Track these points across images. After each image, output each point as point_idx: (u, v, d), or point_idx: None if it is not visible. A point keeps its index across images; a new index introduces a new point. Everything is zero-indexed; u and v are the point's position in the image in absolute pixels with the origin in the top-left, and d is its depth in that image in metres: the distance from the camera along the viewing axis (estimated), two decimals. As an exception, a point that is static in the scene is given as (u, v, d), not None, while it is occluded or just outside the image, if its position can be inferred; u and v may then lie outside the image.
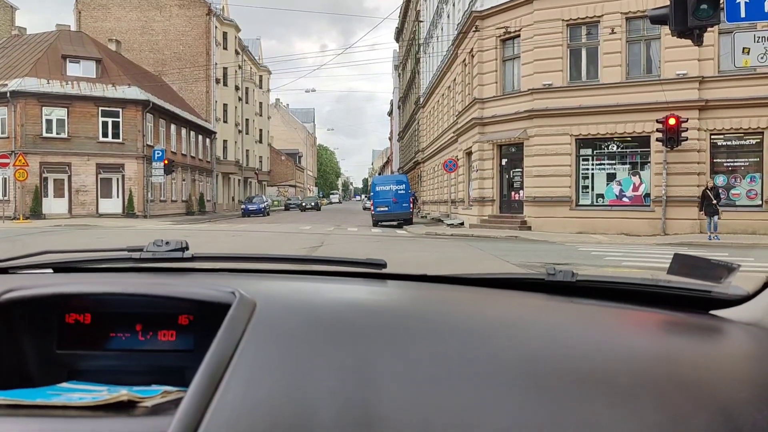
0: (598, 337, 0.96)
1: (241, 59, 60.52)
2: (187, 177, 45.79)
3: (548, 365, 0.81)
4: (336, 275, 1.53)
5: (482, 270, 9.17)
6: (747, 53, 7.75)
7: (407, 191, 30.26)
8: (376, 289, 1.30)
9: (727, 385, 0.79)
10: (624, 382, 0.77)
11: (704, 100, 20.08)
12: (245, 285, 1.15)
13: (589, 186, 22.28)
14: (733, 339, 1.01)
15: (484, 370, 0.79)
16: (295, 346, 0.85)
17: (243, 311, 0.93)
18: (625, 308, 1.18)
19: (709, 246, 16.90)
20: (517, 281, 1.43)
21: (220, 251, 11.79)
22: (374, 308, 1.05)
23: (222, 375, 0.77)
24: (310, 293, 1.17)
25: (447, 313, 1.06)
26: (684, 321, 1.12)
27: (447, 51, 34.59)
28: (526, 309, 1.16)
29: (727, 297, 1.13)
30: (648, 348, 0.93)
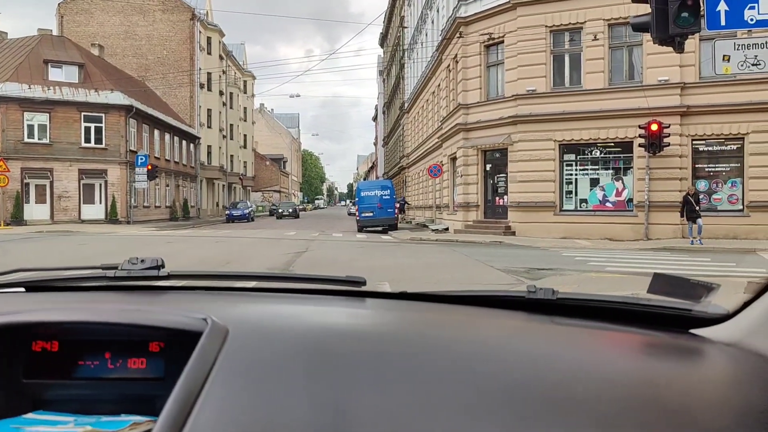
0: (579, 361, 0.94)
1: (225, 64, 60.34)
2: (171, 182, 45.50)
3: (530, 393, 0.80)
4: (315, 293, 1.50)
5: (467, 276, 9.25)
6: (727, 60, 7.82)
7: (392, 196, 30.27)
8: (355, 312, 1.28)
9: (708, 410, 0.78)
10: (606, 410, 0.76)
11: (686, 106, 20.29)
12: (219, 308, 1.13)
13: (572, 191, 22.40)
14: (714, 361, 1.00)
15: (465, 400, 0.77)
16: (268, 375, 0.82)
17: (214, 339, 0.90)
18: (606, 328, 1.17)
19: (692, 251, 17.04)
20: (498, 299, 1.40)
21: (202, 259, 11.70)
22: (352, 334, 1.02)
23: (192, 406, 0.74)
24: (287, 318, 1.14)
25: (427, 337, 1.04)
26: (665, 342, 1.11)
27: (431, 56, 34.69)
28: (507, 331, 1.14)
29: (707, 316, 1.13)
30: (630, 372, 0.91)
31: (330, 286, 1.52)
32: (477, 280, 11.15)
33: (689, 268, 12.97)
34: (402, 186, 50.20)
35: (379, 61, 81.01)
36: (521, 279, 11.17)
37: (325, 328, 1.04)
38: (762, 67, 7.81)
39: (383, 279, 10.48)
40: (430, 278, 11.26)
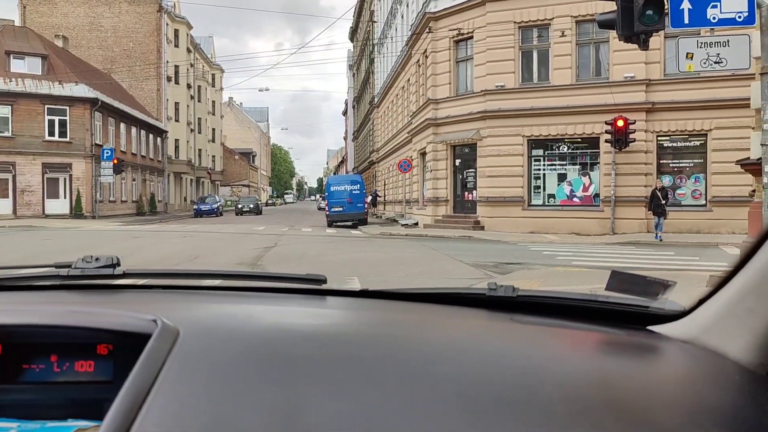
0: (536, 360, 0.94)
1: (193, 57, 59.58)
2: (138, 177, 44.83)
3: (484, 393, 0.79)
4: (274, 291, 1.48)
5: (436, 270, 9.29)
6: (690, 58, 7.95)
7: (362, 191, 30.25)
8: (313, 311, 1.26)
9: (663, 408, 0.78)
10: (562, 410, 0.76)
11: (651, 103, 20.63)
12: (171, 309, 1.10)
13: (540, 186, 22.63)
14: (670, 359, 1.02)
15: (418, 401, 0.77)
16: (218, 378, 0.80)
17: (164, 341, 0.88)
18: (565, 326, 1.18)
19: (657, 245, 17.35)
20: (459, 296, 1.40)
21: (168, 255, 11.55)
22: (308, 334, 1.00)
23: (137, 411, 0.72)
24: (241, 318, 1.11)
25: (385, 337, 1.04)
26: (622, 340, 1.12)
27: (401, 51, 34.70)
28: (467, 330, 1.14)
29: (664, 312, 1.14)
30: (585, 371, 0.92)
31: (290, 285, 1.49)
32: (446, 274, 11.20)
33: (654, 262, 13.21)
34: (372, 181, 50.19)
35: (349, 55, 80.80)
36: (490, 273, 11.26)
37: (280, 329, 1.02)
38: (724, 65, 7.96)
39: (352, 274, 10.48)
40: (400, 273, 11.29)
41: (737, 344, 0.92)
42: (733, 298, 0.93)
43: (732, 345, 0.93)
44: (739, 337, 0.91)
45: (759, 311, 0.88)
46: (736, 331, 0.92)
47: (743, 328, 0.91)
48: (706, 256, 13.58)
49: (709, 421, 0.76)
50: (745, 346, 0.90)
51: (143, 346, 0.86)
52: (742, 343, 0.91)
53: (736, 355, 0.92)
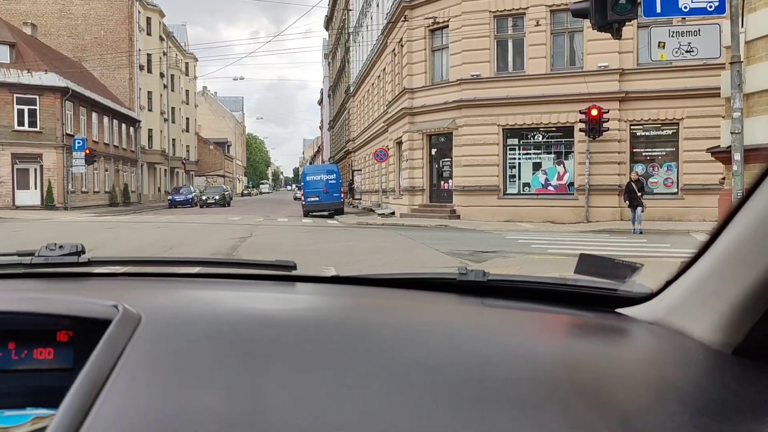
0: (504, 343, 0.95)
1: (165, 45, 58.78)
2: (110, 167, 44.22)
3: (451, 375, 0.80)
4: (242, 278, 1.46)
5: (412, 259, 9.32)
6: (663, 47, 8.05)
7: (338, 181, 30.19)
8: (281, 296, 1.25)
9: (628, 388, 0.80)
10: (528, 392, 0.76)
11: (624, 92, 20.83)
12: (135, 295, 1.08)
13: (516, 175, 22.77)
14: (637, 340, 1.03)
15: (385, 384, 0.77)
16: (180, 364, 0.79)
17: (125, 327, 0.87)
18: (534, 309, 1.19)
19: (630, 234, 17.56)
20: (430, 281, 1.40)
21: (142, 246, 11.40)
22: (276, 319, 0.99)
23: (95, 397, 0.71)
24: (206, 304, 1.10)
25: (353, 322, 1.03)
26: (590, 322, 1.13)
27: (376, 40, 34.58)
28: (435, 314, 1.14)
29: (632, 295, 1.15)
30: (554, 353, 0.92)
31: (258, 271, 1.48)
32: (422, 263, 11.24)
33: (627, 249, 13.38)
34: (348, 170, 50.09)
35: (324, 44, 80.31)
36: (465, 262, 11.31)
37: (246, 315, 1.01)
38: (695, 54, 8.07)
39: (329, 263, 10.47)
40: (376, 262, 11.30)
41: (702, 325, 0.93)
42: (698, 280, 0.95)
43: (697, 325, 0.94)
44: (703, 318, 0.93)
45: (722, 292, 0.88)
46: (701, 312, 0.94)
47: (707, 309, 0.92)
48: (678, 243, 13.79)
49: (673, 400, 0.77)
50: (709, 326, 0.91)
51: (104, 333, 0.85)
52: (707, 324, 0.92)
53: (700, 336, 0.93)
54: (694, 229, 17.02)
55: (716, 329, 0.90)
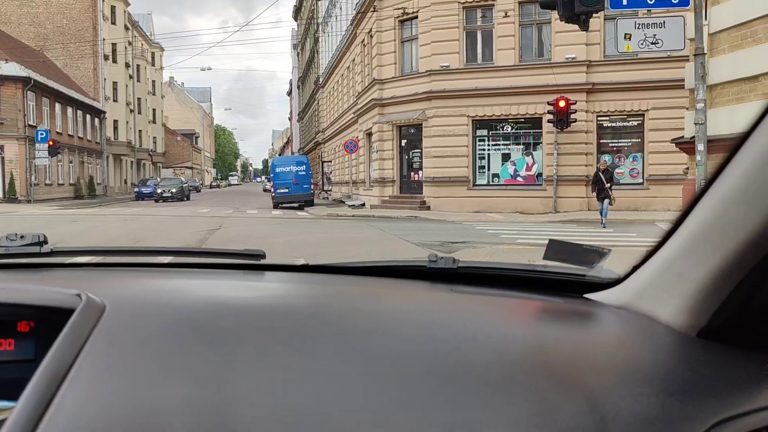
0: (474, 329, 0.95)
1: (131, 35, 57.67)
2: (75, 159, 43.38)
3: (422, 362, 0.80)
4: (210, 267, 1.44)
5: (383, 250, 9.32)
6: (629, 39, 8.16)
7: (308, 172, 30.05)
8: (250, 285, 1.24)
9: (595, 371, 0.81)
10: (497, 376, 0.77)
11: (591, 83, 21.07)
12: (99, 284, 1.06)
13: (485, 166, 22.91)
14: (604, 324, 1.04)
15: (355, 370, 0.77)
16: (145, 353, 0.78)
17: (88, 316, 0.85)
18: (504, 295, 1.19)
19: (598, 223, 17.79)
20: (400, 269, 1.40)
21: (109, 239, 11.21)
22: (243, 307, 0.98)
23: (57, 388, 0.69)
24: (172, 293, 1.08)
25: (323, 309, 1.03)
26: (559, 307, 1.14)
27: (346, 31, 34.41)
28: (405, 301, 1.14)
29: (600, 280, 1.16)
30: (523, 338, 0.93)
31: (226, 260, 1.46)
32: (392, 254, 11.25)
33: (594, 239, 13.57)
34: (318, 162, 49.88)
35: (293, 34, 79.65)
36: (436, 252, 11.34)
37: (213, 303, 0.99)
38: (660, 46, 8.20)
39: (299, 255, 10.42)
40: (346, 253, 11.28)
41: (668, 308, 0.94)
42: (664, 264, 0.96)
43: (663, 309, 0.96)
44: (669, 302, 0.94)
45: (688, 276, 0.90)
46: (667, 296, 0.95)
47: (673, 293, 0.93)
48: (643, 233, 14.02)
49: (639, 382, 0.79)
50: (675, 309, 0.93)
51: (67, 322, 0.83)
52: (672, 307, 0.93)
53: (666, 319, 0.94)
54: (659, 219, 17.31)
55: (681, 312, 0.92)
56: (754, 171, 0.75)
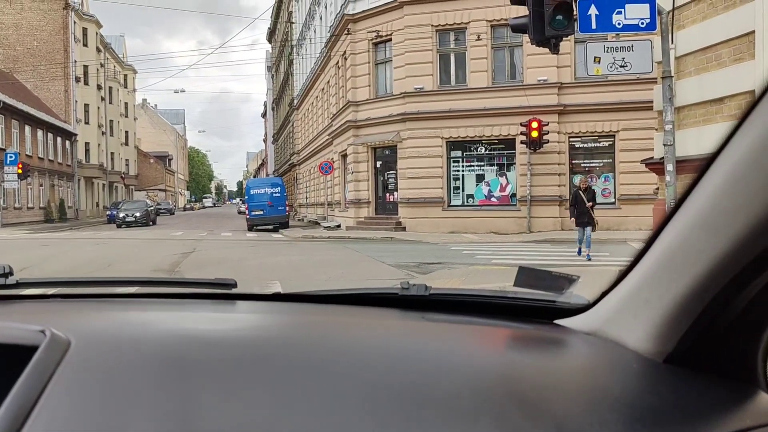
0: (445, 357, 0.95)
1: (103, 57, 57.31)
2: (45, 182, 42.77)
3: (393, 392, 0.80)
4: (180, 297, 1.43)
5: (359, 272, 9.30)
6: (598, 62, 8.32)
7: (282, 194, 29.94)
8: (220, 316, 1.23)
9: (564, 400, 0.81)
10: (467, 405, 0.77)
11: (563, 105, 21.39)
12: (64, 318, 1.05)
13: (459, 187, 23.05)
14: (574, 350, 1.05)
15: (323, 401, 0.76)
16: (111, 389, 0.77)
17: (53, 352, 0.84)
18: (475, 323, 1.20)
19: (572, 242, 17.93)
20: (372, 296, 1.40)
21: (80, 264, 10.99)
22: (212, 339, 0.97)
23: (20, 427, 0.68)
24: (140, 325, 1.07)
25: (293, 339, 1.03)
26: (529, 334, 1.15)
27: (320, 53, 34.56)
28: (376, 330, 1.15)
29: (570, 306, 1.17)
30: (492, 366, 0.94)
31: (197, 290, 1.45)
32: (368, 276, 11.23)
33: (568, 259, 13.68)
34: (293, 183, 49.75)
35: (268, 56, 79.82)
36: (412, 273, 11.36)
37: (181, 335, 0.98)
38: (629, 69, 8.36)
39: (274, 278, 10.35)
40: (322, 276, 11.23)
41: (635, 334, 0.95)
42: (631, 290, 0.96)
43: (630, 335, 0.96)
44: (636, 327, 0.95)
45: (654, 302, 0.90)
46: (634, 322, 0.95)
47: (640, 319, 0.94)
48: (616, 252, 14.17)
49: (607, 409, 0.79)
50: (642, 335, 0.93)
51: (31, 360, 0.82)
52: (640, 333, 0.94)
53: (634, 345, 0.95)
54: (631, 238, 17.52)
55: (649, 338, 0.92)
56: (718, 197, 0.75)
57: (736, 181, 0.72)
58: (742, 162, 0.70)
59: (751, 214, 0.70)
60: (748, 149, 0.69)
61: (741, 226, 0.72)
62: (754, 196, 0.69)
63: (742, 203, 0.71)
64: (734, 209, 0.72)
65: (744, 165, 0.70)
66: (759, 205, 0.69)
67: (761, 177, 0.68)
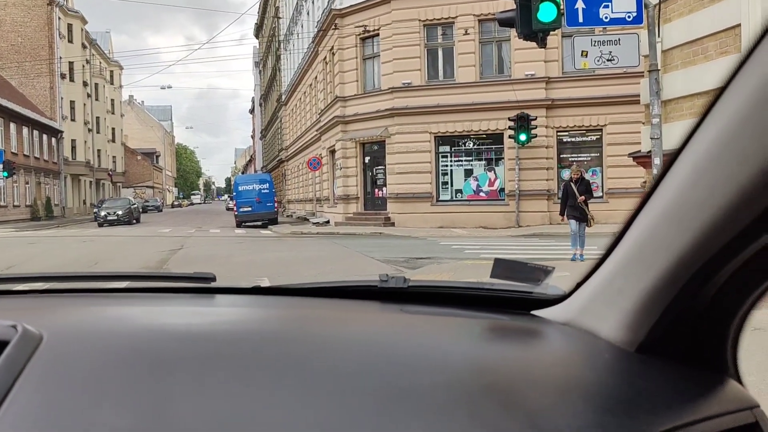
0: (421, 348, 0.95)
1: (89, 53, 56.84)
2: (32, 180, 42.43)
3: (366, 384, 0.80)
4: (158, 292, 1.42)
5: (347, 267, 9.33)
6: (585, 56, 8.34)
7: (271, 190, 29.85)
8: (198, 310, 1.22)
9: (537, 390, 0.81)
10: (440, 397, 0.77)
11: (550, 99, 21.45)
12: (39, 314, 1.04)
13: (448, 182, 23.07)
14: (548, 341, 1.06)
15: (299, 395, 0.76)
16: (83, 384, 0.76)
17: (23, 348, 0.82)
18: (453, 314, 1.20)
19: (559, 236, 17.97)
20: (351, 289, 1.39)
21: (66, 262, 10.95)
22: (188, 333, 0.96)
23: None
24: (115, 320, 1.06)
25: (270, 333, 1.02)
26: (506, 325, 1.16)
27: (308, 48, 34.44)
28: (354, 323, 1.15)
29: (547, 297, 1.18)
30: (468, 357, 0.94)
31: (175, 284, 1.44)
32: (357, 271, 11.21)
33: (557, 252, 13.72)
34: (282, 180, 49.61)
35: (255, 52, 79.46)
36: (400, 269, 11.36)
37: (157, 330, 0.97)
38: (616, 63, 8.39)
39: (263, 274, 10.32)
40: (311, 272, 11.21)
41: (608, 324, 0.96)
42: (604, 281, 0.97)
43: (603, 325, 0.97)
44: (609, 317, 0.96)
45: (626, 291, 0.91)
46: (607, 312, 0.96)
47: (613, 308, 0.95)
48: (604, 246, 14.22)
49: (579, 398, 0.80)
50: (614, 325, 0.94)
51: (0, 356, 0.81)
52: (613, 323, 0.95)
53: (607, 334, 0.96)
54: (619, 232, 17.56)
55: (621, 328, 0.93)
56: (683, 191, 0.76)
57: (700, 175, 0.73)
58: (705, 156, 0.72)
59: (715, 206, 0.72)
60: (711, 144, 0.71)
61: (706, 218, 0.73)
62: (716, 189, 0.71)
63: (706, 196, 0.73)
64: (699, 202, 0.74)
65: (706, 159, 0.72)
66: (721, 197, 0.70)
67: (723, 171, 0.69)
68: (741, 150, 0.67)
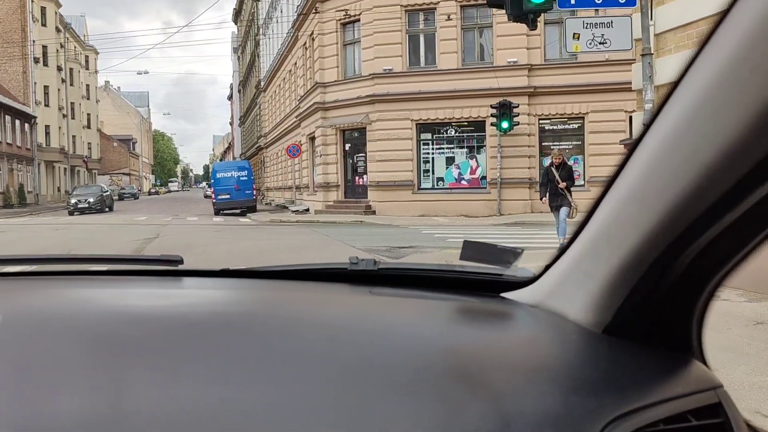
0: (388, 330, 0.96)
1: (63, 37, 55.65)
2: (3, 166, 41.56)
3: (333, 365, 0.80)
4: (123, 274, 1.40)
5: (327, 256, 9.10)
6: (577, 39, 8.15)
7: (250, 178, 29.53)
8: (163, 292, 1.21)
9: (504, 371, 0.82)
10: (406, 377, 0.78)
11: (533, 87, 21.29)
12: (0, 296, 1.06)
13: (430, 170, 22.87)
14: (516, 323, 1.06)
15: (264, 376, 0.76)
16: (40, 366, 0.77)
17: None
18: (423, 296, 1.21)
19: (541, 224, 17.86)
20: (321, 272, 1.39)
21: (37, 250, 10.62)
22: (151, 316, 0.96)
23: None
24: (76, 302, 1.07)
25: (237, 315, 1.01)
26: (475, 307, 1.16)
27: (287, 33, 33.94)
28: (323, 305, 1.14)
29: (516, 279, 1.18)
30: (435, 338, 0.94)
31: (141, 267, 1.44)
32: (338, 259, 10.97)
33: (539, 240, 13.59)
34: (260, 167, 49.10)
35: (233, 37, 78.48)
36: (383, 258, 11.13)
37: (118, 312, 0.98)
38: (608, 46, 8.21)
39: (240, 263, 10.02)
40: (290, 260, 10.90)
41: (575, 306, 0.97)
42: (572, 263, 0.98)
43: (571, 307, 0.98)
44: (577, 299, 0.96)
45: (593, 274, 0.92)
46: (575, 294, 0.97)
47: (580, 290, 0.95)
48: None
49: (546, 379, 0.81)
50: (582, 307, 0.95)
51: None
52: (580, 304, 0.96)
53: (574, 316, 0.97)
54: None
55: (588, 310, 0.94)
56: (648, 170, 0.76)
57: (663, 155, 0.74)
58: (669, 137, 0.72)
59: (678, 187, 0.72)
60: (674, 124, 0.71)
61: (670, 198, 0.74)
62: (680, 170, 0.71)
63: (669, 176, 0.73)
64: (662, 182, 0.74)
65: (670, 140, 0.72)
66: (684, 177, 0.71)
67: (685, 151, 0.70)
68: (702, 130, 0.67)
